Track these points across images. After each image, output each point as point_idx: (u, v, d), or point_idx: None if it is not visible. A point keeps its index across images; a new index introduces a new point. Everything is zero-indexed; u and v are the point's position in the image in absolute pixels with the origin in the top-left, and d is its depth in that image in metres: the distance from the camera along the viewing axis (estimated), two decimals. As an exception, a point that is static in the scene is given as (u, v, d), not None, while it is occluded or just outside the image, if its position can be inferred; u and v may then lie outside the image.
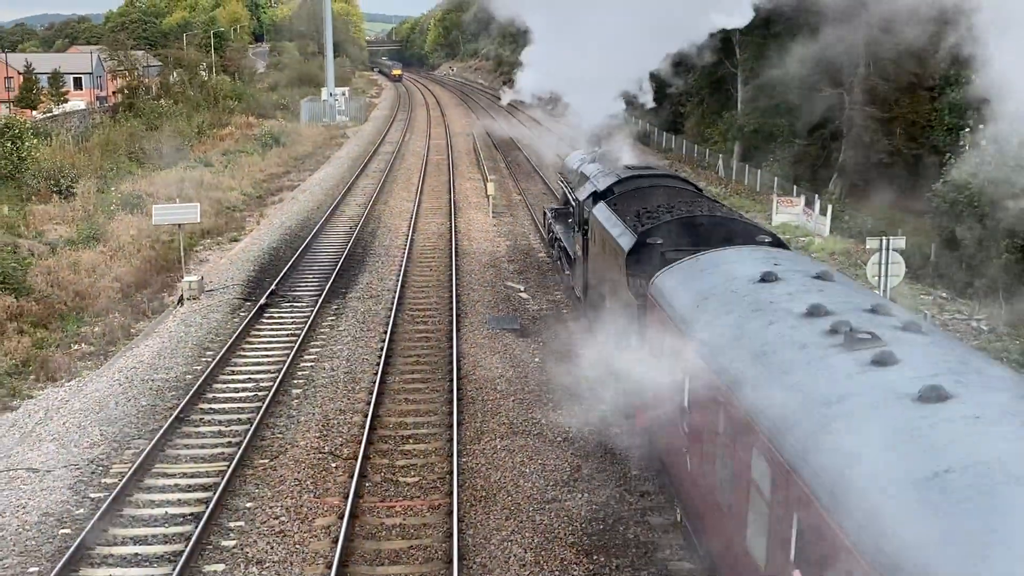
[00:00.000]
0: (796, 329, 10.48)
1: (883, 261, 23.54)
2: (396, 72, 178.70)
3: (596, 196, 22.14)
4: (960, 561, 6.20)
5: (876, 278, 23.65)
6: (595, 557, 14.01)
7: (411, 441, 18.11)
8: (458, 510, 15.10)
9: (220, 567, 13.81)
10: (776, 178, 49.85)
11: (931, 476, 7.03)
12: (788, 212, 40.15)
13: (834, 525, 7.52)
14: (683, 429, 12.65)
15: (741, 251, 14.75)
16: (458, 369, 21.58)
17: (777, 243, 16.86)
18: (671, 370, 12.90)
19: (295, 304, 27.37)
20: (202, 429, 18.68)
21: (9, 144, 46.26)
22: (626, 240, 17.76)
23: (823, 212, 38.79)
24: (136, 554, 14.15)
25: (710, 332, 11.86)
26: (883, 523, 7.00)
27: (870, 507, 7.22)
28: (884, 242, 23.70)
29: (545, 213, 32.79)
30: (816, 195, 41.77)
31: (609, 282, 18.94)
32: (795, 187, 45.77)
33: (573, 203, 25.60)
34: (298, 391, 20.61)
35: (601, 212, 20.74)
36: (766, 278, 12.43)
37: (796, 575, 8.43)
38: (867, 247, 25.56)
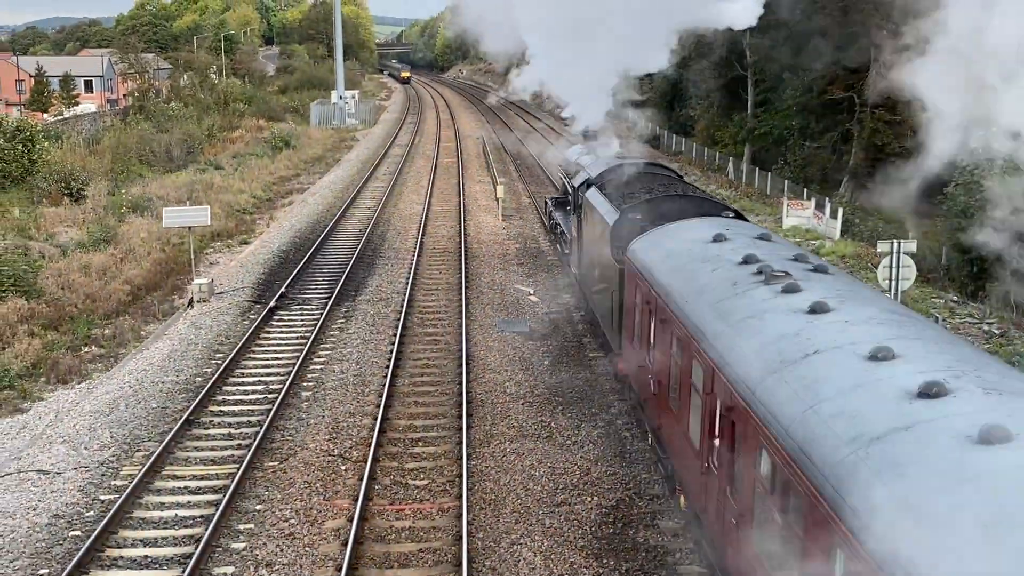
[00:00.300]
0: (731, 272, 13.58)
1: (894, 264, 23.46)
2: (405, 74, 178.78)
3: (589, 182, 24.61)
4: (800, 406, 9.28)
5: (887, 281, 23.57)
6: (605, 560, 13.98)
7: (421, 444, 18.10)
8: (467, 513, 15.08)
9: (230, 569, 13.81)
10: (786, 181, 49.75)
11: (801, 358, 10.13)
12: (798, 215, 40.06)
13: (742, 402, 10.53)
14: (645, 342, 16.21)
15: (702, 221, 17.62)
16: (467, 372, 21.57)
17: (738, 216, 19.66)
18: (646, 312, 16.09)
19: (305, 307, 27.39)
20: (212, 431, 18.70)
21: (20, 147, 46.46)
22: (611, 216, 20.46)
23: (833, 215, 38.69)
24: (146, 556, 14.16)
25: (669, 278, 14.91)
26: (768, 392, 9.97)
27: (757, 379, 10.35)
28: (895, 245, 23.62)
29: (547, 202, 35.87)
30: (827, 198, 41.66)
31: (597, 252, 21.76)
32: (805, 190, 45.67)
33: (570, 189, 28.28)
34: (308, 393, 20.62)
35: (592, 195, 23.30)
36: (716, 239, 15.41)
37: (716, 444, 11.57)
38: (878, 250, 25.48)
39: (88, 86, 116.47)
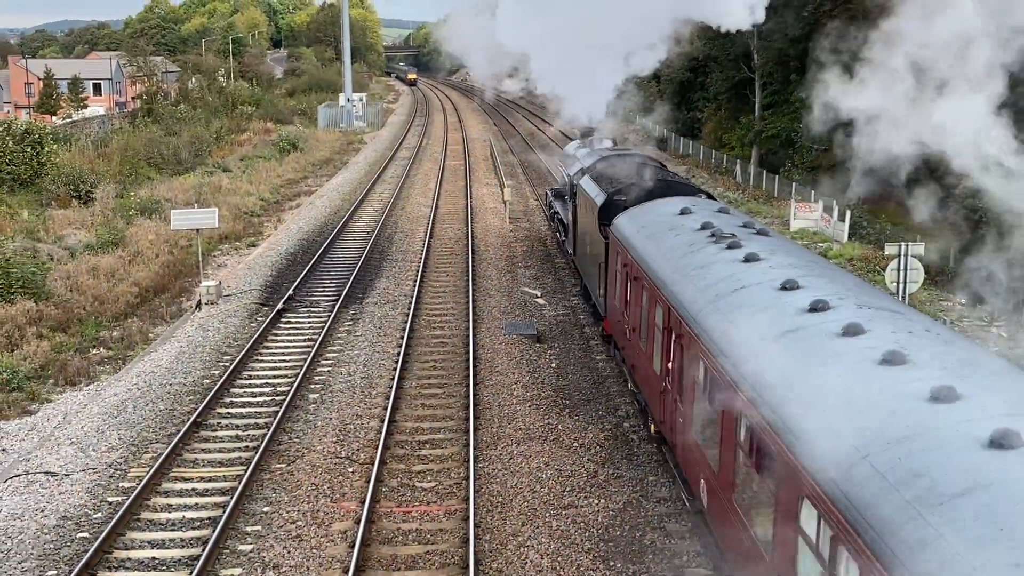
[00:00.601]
0: (690, 236, 16.75)
1: (902, 267, 23.41)
2: (411, 76, 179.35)
3: (582, 171, 27.28)
4: (724, 324, 12.55)
5: (895, 284, 23.52)
6: (612, 563, 13.97)
7: (428, 446, 18.12)
8: (474, 515, 15.09)
9: (237, 571, 13.84)
10: (794, 183, 49.66)
11: (730, 292, 13.32)
12: (806, 218, 39.99)
13: (688, 328, 13.66)
14: (622, 299, 19.67)
15: (673, 200, 20.42)
16: (474, 374, 21.59)
17: (709, 197, 22.65)
18: (624, 274, 19.33)
19: (312, 309, 27.43)
20: (220, 433, 18.74)
21: (29, 149, 46.61)
22: (599, 198, 23.27)
23: (841, 218, 38.61)
24: (153, 558, 14.19)
25: (642, 245, 18.06)
26: (704, 317, 13.26)
27: (698, 309, 13.61)
28: (903, 248, 23.57)
29: (547, 194, 39.30)
30: (834, 201, 41.59)
31: (588, 230, 24.91)
32: (813, 192, 45.60)
33: (566, 178, 30.99)
34: (315, 396, 20.65)
35: (585, 182, 26.01)
36: (683, 212, 18.57)
37: (670, 366, 14.93)
38: (886, 253, 25.44)
39: (97, 89, 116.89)
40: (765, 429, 9.97)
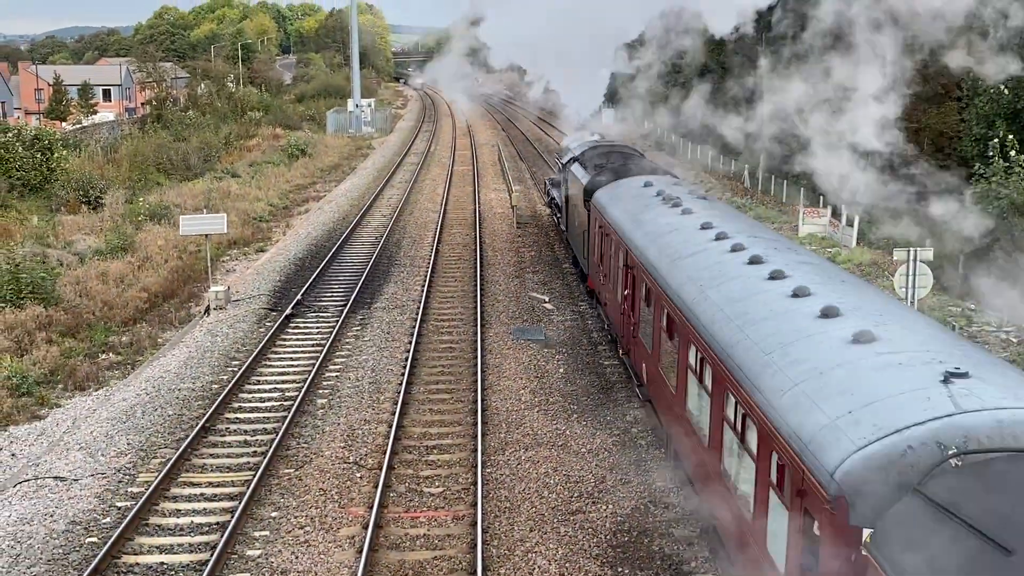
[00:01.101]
0: (647, 201, 21.61)
1: (911, 272, 23.36)
2: (419, 81, 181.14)
3: (572, 159, 31.83)
4: (661, 258, 16.91)
5: (904, 289, 23.47)
6: (620, 569, 13.96)
7: (436, 451, 18.12)
8: (482, 521, 15.09)
9: (245, 576, 13.86)
10: (802, 189, 49.58)
11: (668, 232, 18.16)
12: (814, 223, 39.95)
13: (638, 261, 18.23)
14: (599, 255, 24.48)
15: (642, 177, 25.16)
16: (483, 380, 21.59)
17: (672, 175, 26.98)
18: (600, 234, 24.12)
19: (321, 314, 27.47)
20: (228, 439, 18.77)
21: (39, 155, 46.82)
22: (584, 178, 27.79)
23: (850, 223, 38.55)
24: (162, 563, 14.22)
25: (614, 211, 22.64)
26: (648, 252, 17.65)
27: (643, 246, 18.26)
28: (911, 253, 23.52)
29: (545, 182, 43.91)
30: (843, 206, 41.51)
31: (576, 206, 29.59)
32: (821, 198, 45.53)
33: (560, 167, 36.08)
34: (323, 401, 20.67)
35: (574, 168, 30.61)
36: (646, 185, 23.43)
37: (627, 292, 19.75)
38: (894, 258, 25.39)
39: (106, 95, 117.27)
40: (681, 318, 14.49)
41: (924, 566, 7.29)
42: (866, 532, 7.74)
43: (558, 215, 37.02)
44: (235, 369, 22.58)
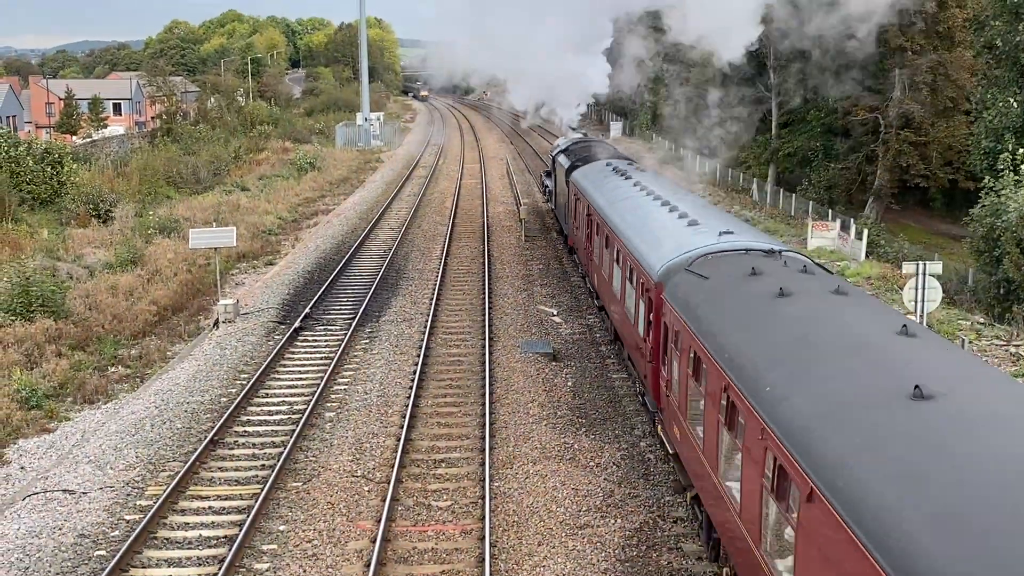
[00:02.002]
0: (607, 175, 29.48)
1: (920, 286, 23.31)
2: (423, 93, 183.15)
3: (560, 151, 40.66)
4: (618, 219, 23.55)
5: (913, 303, 23.42)
6: (628, 583, 13.91)
7: (443, 465, 18.11)
8: (490, 535, 15.07)
9: (253, 590, 13.85)
10: (811, 202, 49.57)
11: (621, 199, 25.07)
12: (823, 237, 39.91)
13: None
14: (575, 215, 32.58)
15: (606, 160, 33.65)
16: (490, 393, 21.59)
17: (629, 160, 35.18)
18: (577, 203, 31.73)
19: (329, 327, 27.51)
20: (236, 452, 18.79)
21: (49, 169, 47.05)
22: (567, 163, 36.60)
23: (859, 236, 38.52)
24: (170, 576, 14.23)
25: (584, 182, 30.36)
26: (607, 212, 24.75)
27: (605, 208, 25.43)
28: (920, 267, 23.48)
29: (542, 176, 52.78)
30: (851, 219, 41.49)
31: (560, 185, 38.90)
32: (830, 211, 45.51)
33: (551, 158, 44.95)
34: (331, 414, 20.69)
35: (560, 157, 39.64)
36: (607, 164, 31.58)
37: (593, 245, 27.16)
38: (903, 272, 25.35)
39: (116, 109, 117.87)
40: (630, 256, 20.39)
41: (685, 300, 15.19)
42: (666, 292, 16.43)
43: (549, 198, 46.72)
44: (244, 382, 22.62)
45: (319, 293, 30.80)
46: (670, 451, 16.58)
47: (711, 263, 16.23)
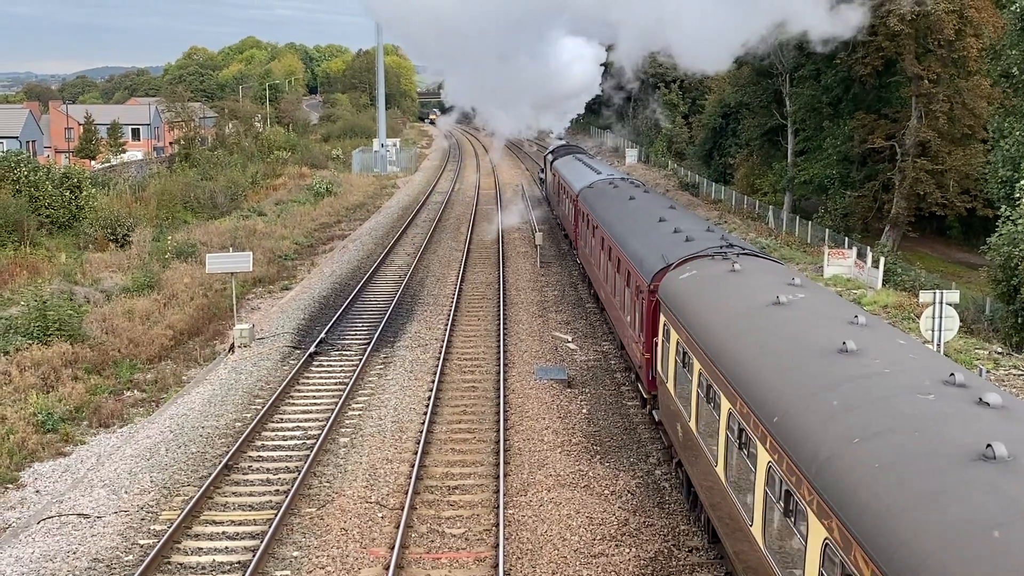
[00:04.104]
0: (578, 166, 44.65)
1: (937, 315, 23.19)
2: (432, 117, 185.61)
3: (549, 152, 55.46)
4: (599, 206, 31.59)
5: (930, 332, 23.29)
6: (642, 613, 13.79)
7: (457, 492, 18.05)
8: (504, 563, 14.99)
9: (266, 616, 13.79)
10: (827, 230, 49.45)
11: (594, 183, 36.54)
12: (839, 264, 39.77)
13: (578, 200, 36.31)
14: (556, 194, 49.92)
15: (577, 155, 50.46)
16: (505, 420, 21.54)
17: (590, 156, 55.10)
18: (560, 190, 46.53)
19: (344, 352, 27.54)
20: (250, 477, 18.78)
21: (68, 193, 47.39)
22: (550, 159, 54.02)
23: (875, 264, 38.38)
24: (183, 602, 14.18)
25: (563, 170, 46.12)
26: (584, 197, 34.89)
27: (580, 191, 36.57)
28: (938, 296, 23.36)
29: (538, 172, 68.68)
30: (868, 247, 41.35)
31: (547, 175, 56.74)
32: (846, 239, 45.39)
33: (544, 160, 61.37)
34: (346, 440, 20.67)
35: (548, 156, 55.19)
36: (578, 160, 47.66)
37: (577, 228, 37.42)
38: (921, 301, 25.22)
39: (135, 134, 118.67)
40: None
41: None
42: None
43: (543, 188, 61.87)
44: (258, 407, 22.64)
45: (334, 318, 30.86)
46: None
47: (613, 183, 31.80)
